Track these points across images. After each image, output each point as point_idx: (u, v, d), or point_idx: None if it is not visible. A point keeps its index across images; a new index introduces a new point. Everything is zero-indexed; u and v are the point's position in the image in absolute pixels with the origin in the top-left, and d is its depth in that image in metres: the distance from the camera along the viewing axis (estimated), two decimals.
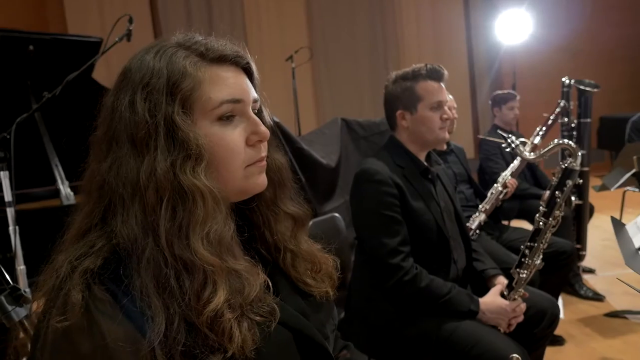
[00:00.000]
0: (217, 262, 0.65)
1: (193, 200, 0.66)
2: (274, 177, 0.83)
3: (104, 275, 0.64)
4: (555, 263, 2.50)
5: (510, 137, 1.59)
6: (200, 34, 0.77)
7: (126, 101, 0.69)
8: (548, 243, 2.50)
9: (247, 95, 0.75)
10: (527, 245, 1.59)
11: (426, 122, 1.67)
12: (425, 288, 1.55)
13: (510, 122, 3.39)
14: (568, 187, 1.51)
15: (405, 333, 1.60)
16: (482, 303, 1.60)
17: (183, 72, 0.69)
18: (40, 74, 2.47)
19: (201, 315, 0.63)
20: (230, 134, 0.72)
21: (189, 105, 0.69)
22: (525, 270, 1.59)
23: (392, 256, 1.56)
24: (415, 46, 6.77)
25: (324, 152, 2.48)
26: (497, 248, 2.38)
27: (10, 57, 2.42)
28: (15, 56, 2.42)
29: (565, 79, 3.04)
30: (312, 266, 0.84)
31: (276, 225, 0.83)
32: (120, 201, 0.67)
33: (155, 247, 0.64)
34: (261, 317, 0.69)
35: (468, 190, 2.68)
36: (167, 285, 0.63)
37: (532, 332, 1.74)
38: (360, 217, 1.66)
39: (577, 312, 2.82)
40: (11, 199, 1.74)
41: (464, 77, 6.83)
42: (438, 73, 1.67)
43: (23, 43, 2.41)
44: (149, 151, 0.67)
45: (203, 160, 0.68)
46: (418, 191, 1.66)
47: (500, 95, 3.38)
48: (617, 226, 1.35)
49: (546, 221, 1.55)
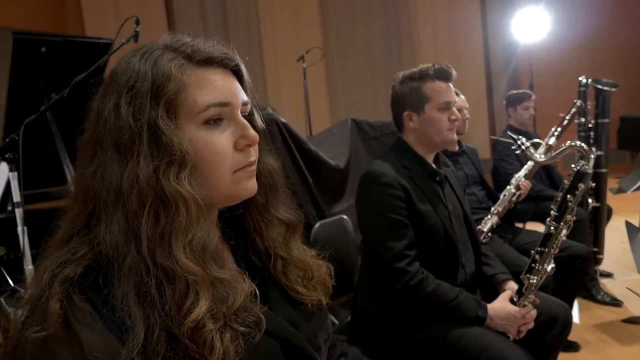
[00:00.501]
0: (199, 272, 0.64)
1: (176, 207, 0.64)
2: (265, 182, 0.81)
3: (85, 283, 0.63)
4: (569, 267, 2.44)
5: (520, 139, 1.54)
6: (189, 35, 0.75)
7: (111, 105, 0.68)
8: (562, 247, 2.47)
9: (235, 99, 0.73)
10: (537, 250, 1.54)
11: (434, 123, 1.64)
12: (431, 293, 1.52)
13: (526, 123, 3.32)
14: (580, 191, 1.46)
15: (412, 338, 1.56)
16: (490, 309, 1.56)
17: (168, 75, 0.68)
18: (53, 75, 2.49)
19: (182, 326, 0.61)
20: (217, 138, 0.70)
21: (173, 109, 0.68)
22: (536, 276, 1.54)
23: (397, 260, 1.53)
24: (430, 45, 6.70)
25: (332, 153, 2.45)
26: (509, 251, 2.33)
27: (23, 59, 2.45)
28: (29, 58, 2.45)
29: (582, 78, 2.97)
30: (304, 274, 0.82)
31: (267, 232, 0.81)
32: (104, 207, 0.66)
33: (137, 255, 0.63)
34: (246, 327, 0.67)
35: (480, 192, 2.63)
36: (148, 295, 0.62)
37: (544, 339, 1.69)
38: (366, 220, 1.64)
39: (594, 318, 2.75)
40: (20, 200, 1.76)
41: (480, 76, 6.73)
42: (446, 73, 1.63)
43: (36, 45, 2.43)
44: (132, 156, 0.66)
45: (187, 166, 0.66)
46: (425, 194, 1.62)
47: (515, 95, 3.31)
48: (632, 231, 1.30)
49: (557, 225, 1.50)
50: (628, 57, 6.65)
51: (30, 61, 2.45)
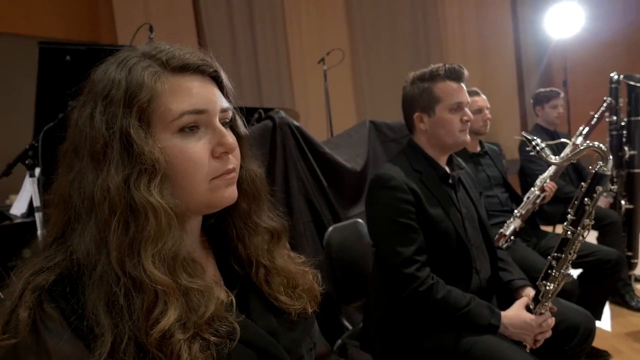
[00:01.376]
0: (168, 282, 0.63)
1: (145, 217, 0.64)
2: (248, 189, 0.80)
3: (56, 291, 0.63)
4: (598, 273, 2.33)
5: (535, 140, 1.48)
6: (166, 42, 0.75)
7: (87, 113, 0.69)
8: (591, 251, 2.38)
9: (212, 105, 0.72)
10: (554, 255, 1.48)
11: (445, 125, 1.59)
12: (441, 299, 1.47)
13: (554, 122, 3.20)
14: (598, 194, 1.39)
15: (422, 345, 1.52)
16: (504, 317, 1.50)
17: (140, 83, 0.68)
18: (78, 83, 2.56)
19: (149, 336, 0.61)
20: (192, 146, 0.70)
21: (146, 117, 0.67)
22: (552, 283, 1.47)
23: (406, 265, 1.49)
24: (459, 44, 6.56)
25: (349, 156, 2.42)
26: (532, 256, 2.25)
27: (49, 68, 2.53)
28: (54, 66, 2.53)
29: (613, 74, 2.84)
30: (287, 282, 0.80)
31: (250, 239, 0.80)
32: (78, 216, 0.67)
33: (107, 264, 0.63)
34: (219, 337, 0.66)
35: (503, 194, 2.54)
36: (117, 304, 0.62)
37: (563, 348, 1.62)
38: (375, 225, 1.60)
39: (626, 325, 2.62)
40: (39, 204, 1.81)
41: (510, 74, 6.54)
42: (457, 73, 1.59)
43: (60, 54, 2.51)
44: (105, 165, 0.66)
45: (157, 175, 0.66)
46: (436, 197, 1.58)
47: (543, 93, 3.20)
48: None
49: (574, 230, 1.43)
50: None
51: (56, 69, 2.53)
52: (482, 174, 2.53)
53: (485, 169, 2.54)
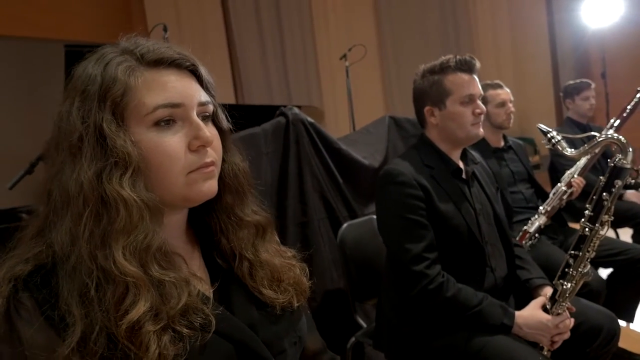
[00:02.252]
0: (137, 273, 0.64)
1: (116, 210, 0.65)
2: (231, 183, 0.80)
3: (31, 281, 0.65)
4: (630, 272, 2.23)
5: (551, 132, 1.41)
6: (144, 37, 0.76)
7: (66, 108, 0.70)
8: (623, 249, 2.27)
9: (189, 99, 0.72)
10: (571, 254, 1.41)
11: (456, 118, 1.55)
12: (451, 298, 1.43)
13: (586, 114, 3.06)
14: (617, 188, 1.31)
15: (433, 345, 1.49)
16: (519, 317, 1.45)
17: (114, 77, 0.69)
18: None
19: (119, 327, 0.61)
20: (168, 139, 0.70)
21: (119, 111, 0.68)
22: (570, 282, 1.41)
23: (415, 263, 1.46)
24: (490, 36, 6.37)
25: (367, 152, 2.39)
26: (557, 254, 2.16)
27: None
28: None
29: None
30: (271, 275, 0.80)
31: (234, 233, 0.80)
32: (57, 208, 0.68)
33: (79, 256, 0.64)
34: (192, 329, 0.66)
35: (528, 190, 2.45)
36: (89, 295, 0.63)
37: (585, 351, 1.55)
38: (384, 221, 1.58)
39: None
40: None
41: (545, 66, 6.30)
42: (469, 64, 1.53)
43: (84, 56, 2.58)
44: (80, 159, 0.67)
45: (130, 168, 0.66)
46: (448, 193, 1.54)
47: (572, 85, 3.07)
48: None
49: (592, 227, 1.36)
50: None
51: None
52: (505, 169, 2.45)
53: (509, 164, 2.46)
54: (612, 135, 1.31)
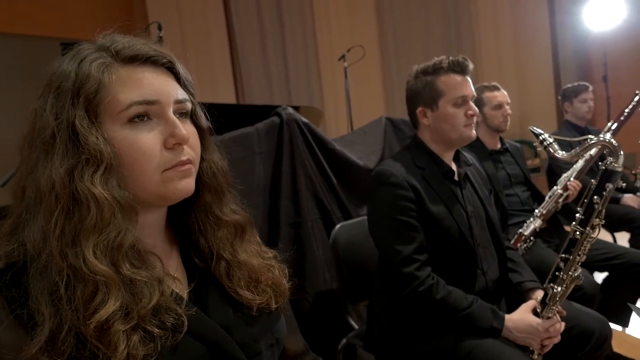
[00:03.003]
0: (107, 272, 0.63)
1: (87, 207, 0.64)
2: (209, 182, 0.79)
3: (1, 279, 0.64)
4: (625, 276, 2.22)
5: (543, 134, 1.40)
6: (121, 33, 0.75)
7: (40, 105, 0.69)
8: (617, 253, 2.25)
9: (164, 97, 0.71)
10: (562, 257, 1.40)
11: (449, 119, 1.54)
12: (441, 300, 1.42)
13: (585, 117, 3.05)
14: (608, 191, 1.30)
15: (423, 347, 1.48)
16: (509, 320, 1.44)
17: (87, 74, 0.68)
18: None
19: (87, 326, 0.61)
20: (143, 137, 0.69)
21: (92, 108, 0.67)
22: (560, 286, 1.40)
23: (405, 265, 1.45)
24: (492, 39, 6.36)
25: (363, 153, 2.38)
26: (553, 257, 2.12)
27: None
28: None
29: None
30: (248, 276, 0.79)
31: (212, 232, 0.79)
32: (30, 206, 0.67)
33: (50, 254, 0.64)
34: (164, 329, 0.65)
35: (524, 193, 2.44)
36: (58, 293, 0.62)
37: (576, 355, 1.54)
38: (375, 222, 1.57)
39: None
40: None
41: (547, 68, 6.28)
42: (461, 65, 1.53)
43: None
44: (52, 156, 0.67)
45: (102, 166, 0.66)
46: (439, 194, 1.53)
47: (571, 88, 3.06)
48: None
49: (583, 230, 1.35)
50: None
51: None
52: (502, 171, 2.43)
53: (506, 166, 2.45)
54: (603, 138, 1.30)
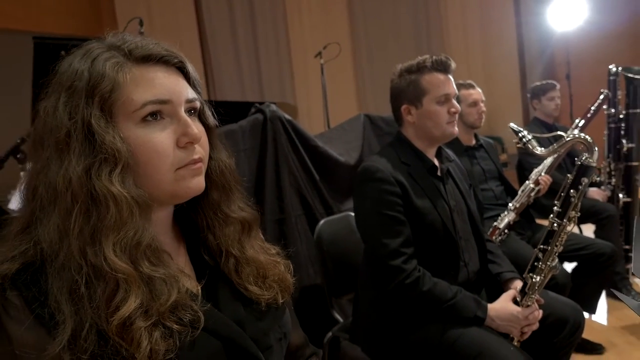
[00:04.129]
0: (128, 270, 0.64)
1: (106, 206, 0.65)
2: (217, 180, 0.80)
3: (19, 280, 0.64)
4: (593, 266, 2.33)
5: (522, 132, 1.47)
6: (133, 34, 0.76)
7: (51, 104, 0.69)
8: (586, 244, 2.37)
9: (177, 96, 0.72)
10: (540, 248, 1.47)
11: (432, 117, 1.59)
12: (427, 292, 1.47)
13: (552, 114, 3.17)
14: (584, 185, 1.38)
15: (409, 338, 1.53)
16: (491, 309, 1.50)
17: (102, 73, 0.68)
18: None
19: (110, 323, 0.62)
20: (157, 136, 0.70)
21: (107, 107, 0.68)
22: (539, 275, 1.47)
23: (392, 258, 1.49)
24: (461, 37, 6.52)
25: (343, 149, 2.42)
26: (525, 249, 2.24)
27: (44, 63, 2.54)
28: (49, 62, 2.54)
29: (612, 66, 2.82)
30: (257, 272, 0.81)
31: (220, 230, 0.80)
32: (43, 205, 0.67)
33: (69, 253, 0.64)
34: (182, 325, 0.66)
35: (498, 187, 2.53)
36: (78, 292, 0.62)
37: (552, 341, 1.62)
38: (362, 217, 1.61)
39: (622, 319, 2.61)
40: None
41: (513, 67, 6.49)
42: (444, 64, 1.58)
43: (55, 49, 2.52)
44: (67, 155, 0.67)
45: (119, 165, 0.66)
46: (424, 189, 1.57)
47: (539, 86, 3.18)
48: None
49: (560, 222, 1.42)
50: None
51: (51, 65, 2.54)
52: (477, 167, 2.52)
53: (480, 162, 2.53)
54: (579, 135, 1.37)
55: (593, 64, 6.04)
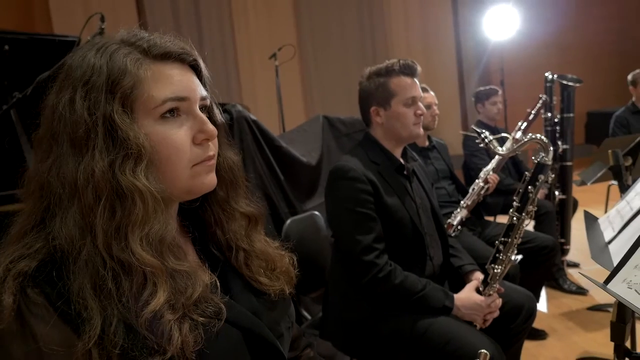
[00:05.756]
0: (157, 263, 0.65)
1: (132, 201, 0.65)
2: (226, 176, 0.82)
3: (39, 277, 0.63)
4: (536, 258, 2.51)
5: (484, 133, 1.58)
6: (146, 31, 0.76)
7: (66, 99, 0.68)
8: (529, 238, 2.55)
9: (193, 93, 0.73)
10: (501, 240, 1.59)
11: (400, 118, 1.67)
12: (399, 285, 1.55)
13: (494, 117, 3.39)
14: (540, 182, 1.51)
15: (381, 330, 1.59)
16: (457, 299, 1.60)
17: (123, 69, 0.68)
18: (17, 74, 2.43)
19: (140, 317, 0.62)
20: (175, 132, 0.71)
21: (129, 103, 0.68)
22: (500, 266, 1.58)
23: (366, 253, 1.55)
24: (404, 43, 6.76)
25: (304, 150, 2.47)
26: (478, 244, 2.38)
27: None
28: None
29: (548, 73, 3.05)
30: (266, 264, 0.83)
31: (228, 224, 0.82)
32: (59, 202, 0.66)
33: (93, 249, 0.64)
34: (206, 317, 0.68)
35: (450, 186, 2.68)
36: (105, 287, 0.62)
37: (509, 327, 1.74)
38: (335, 214, 1.65)
39: (561, 306, 2.83)
40: None
41: (452, 73, 6.83)
42: (411, 68, 1.66)
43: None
44: (87, 151, 0.66)
45: (143, 160, 0.67)
46: (393, 187, 1.65)
47: (483, 91, 3.38)
48: (589, 220, 1.35)
49: (519, 216, 1.54)
50: (595, 54, 6.84)
51: None
52: (430, 167, 2.64)
53: (434, 162, 2.66)
54: (537, 136, 1.50)
55: (525, 71, 6.50)
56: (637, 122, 3.80)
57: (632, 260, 0.94)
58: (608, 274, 0.93)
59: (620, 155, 1.66)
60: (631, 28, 6.90)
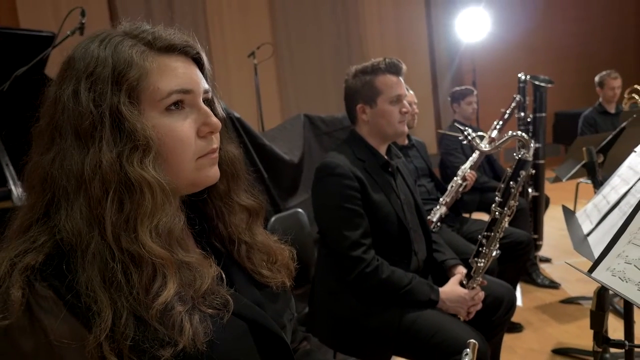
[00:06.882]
0: (167, 255, 0.65)
1: (141, 193, 0.65)
2: (227, 170, 0.82)
3: (46, 271, 0.62)
4: (512, 253, 2.58)
5: (467, 130, 1.62)
6: (148, 23, 0.76)
7: (70, 91, 0.67)
8: (505, 234, 2.61)
9: (197, 86, 0.74)
10: (484, 234, 1.63)
11: (386, 116, 1.69)
12: (386, 279, 1.57)
13: (469, 117, 3.47)
14: (522, 177, 1.56)
15: (368, 325, 1.61)
16: (442, 292, 1.64)
17: (129, 61, 0.68)
18: None
19: (150, 309, 0.62)
20: (180, 125, 0.71)
21: (135, 95, 0.68)
22: (483, 259, 1.63)
23: (353, 249, 1.57)
24: (378, 43, 6.83)
25: (286, 148, 2.47)
26: (457, 239, 2.44)
27: None
28: None
29: (521, 74, 3.14)
30: (267, 257, 0.84)
31: (230, 218, 0.82)
32: (64, 194, 0.65)
33: (101, 241, 0.63)
34: (214, 309, 0.68)
35: (429, 183, 2.73)
36: (114, 280, 0.62)
37: (490, 319, 1.79)
38: (322, 211, 1.67)
39: (534, 300, 2.92)
40: None
41: (425, 73, 6.94)
42: (396, 67, 1.69)
43: None
44: (94, 142, 0.66)
45: (151, 152, 0.67)
46: (379, 184, 1.67)
47: (459, 91, 3.46)
48: (568, 215, 1.41)
49: (502, 211, 1.59)
50: (563, 56, 7.06)
51: None
52: (410, 165, 2.68)
53: (413, 160, 2.71)
54: (518, 133, 1.55)
55: (496, 72, 6.66)
56: (604, 122, 3.96)
57: (614, 249, 0.99)
58: (584, 267, 0.98)
59: (594, 153, 1.73)
60: (598, 31, 7.15)
